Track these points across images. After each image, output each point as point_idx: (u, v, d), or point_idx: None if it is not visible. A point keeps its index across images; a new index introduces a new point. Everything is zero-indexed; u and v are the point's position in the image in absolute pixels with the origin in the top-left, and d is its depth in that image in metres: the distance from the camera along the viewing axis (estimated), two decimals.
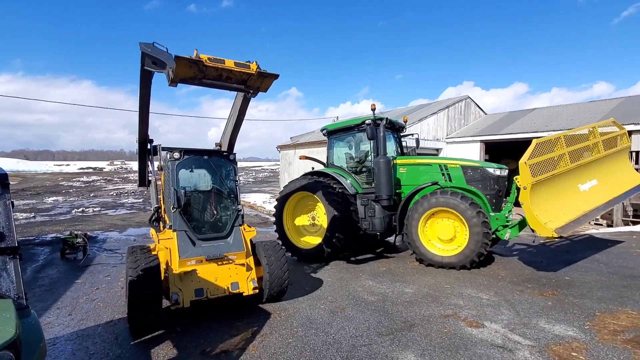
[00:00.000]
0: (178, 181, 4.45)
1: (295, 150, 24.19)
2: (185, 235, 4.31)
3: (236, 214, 4.68)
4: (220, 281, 4.23)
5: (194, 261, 4.18)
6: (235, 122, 5.18)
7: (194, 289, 4.09)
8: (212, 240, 4.45)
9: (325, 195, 7.01)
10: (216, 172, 4.77)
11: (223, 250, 4.34)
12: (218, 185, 4.81)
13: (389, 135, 8.19)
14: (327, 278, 5.92)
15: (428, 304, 4.52)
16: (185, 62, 3.42)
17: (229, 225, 4.62)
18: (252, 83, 3.90)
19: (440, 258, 6.27)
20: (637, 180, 7.17)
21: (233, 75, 3.74)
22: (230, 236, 4.55)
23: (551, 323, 3.87)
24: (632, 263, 6.36)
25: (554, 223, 5.10)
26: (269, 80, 3.92)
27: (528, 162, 5.11)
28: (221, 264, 4.30)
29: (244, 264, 4.40)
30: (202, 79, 3.68)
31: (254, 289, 4.32)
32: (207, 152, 4.74)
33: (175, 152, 4.53)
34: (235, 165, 4.91)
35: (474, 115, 22.19)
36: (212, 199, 4.80)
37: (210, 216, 4.75)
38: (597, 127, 6.58)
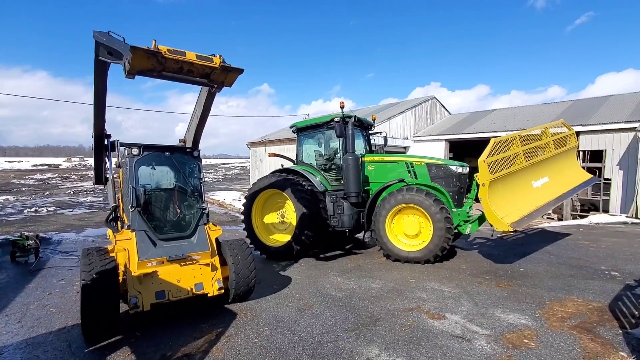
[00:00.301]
0: (137, 179, 4.26)
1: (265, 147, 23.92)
2: (145, 236, 4.13)
3: (201, 212, 4.55)
4: (184, 282, 4.10)
5: (154, 262, 4.02)
6: (199, 118, 5.01)
7: (155, 291, 3.93)
8: (175, 240, 4.30)
9: (294, 192, 6.98)
10: (179, 169, 4.61)
11: (186, 250, 4.21)
12: (181, 183, 4.64)
13: (357, 133, 8.30)
14: (296, 275, 5.91)
15: (393, 298, 4.64)
16: (142, 53, 3.25)
17: (193, 224, 4.48)
18: (215, 77, 3.78)
19: (406, 253, 6.45)
20: (583, 177, 7.76)
21: (195, 69, 3.60)
22: (195, 235, 4.42)
23: (506, 312, 4.10)
24: (579, 254, 6.89)
25: (509, 218, 5.40)
26: (234, 75, 3.82)
27: (486, 160, 5.37)
28: (184, 265, 4.16)
29: (208, 263, 4.28)
30: (162, 72, 3.51)
31: (219, 290, 4.22)
32: (169, 148, 4.56)
33: (134, 148, 4.32)
34: (200, 162, 4.76)
35: (440, 114, 23.00)
36: (176, 198, 4.63)
37: (173, 215, 4.58)
38: (548, 128, 7.04)
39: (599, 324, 3.73)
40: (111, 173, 5.07)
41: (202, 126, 5.16)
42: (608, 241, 8.14)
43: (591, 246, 7.59)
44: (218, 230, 4.61)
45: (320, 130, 7.97)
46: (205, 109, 4.90)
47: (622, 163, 12.80)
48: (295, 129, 8.35)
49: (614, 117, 13.64)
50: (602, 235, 8.90)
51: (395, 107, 22.72)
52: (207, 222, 4.56)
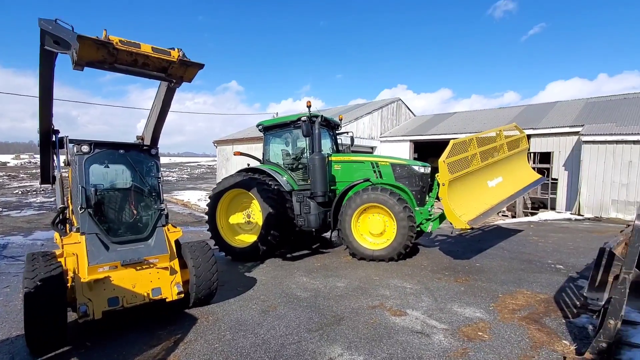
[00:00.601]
0: (87, 178, 3.99)
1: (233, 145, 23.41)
2: (96, 239, 3.88)
3: (159, 213, 4.34)
4: (139, 287, 3.89)
5: (106, 267, 3.78)
6: (159, 114, 4.78)
7: (107, 298, 3.70)
8: (130, 243, 4.08)
9: (260, 192, 6.88)
10: (135, 168, 4.37)
11: (142, 253, 4.00)
12: (138, 182, 4.40)
13: (324, 132, 8.33)
14: (262, 276, 5.83)
15: (357, 297, 4.71)
16: (90, 43, 3.04)
17: (150, 226, 4.27)
18: (173, 72, 3.62)
19: (371, 251, 6.57)
20: (533, 177, 8.33)
21: (151, 62, 3.43)
22: (152, 238, 4.21)
23: (463, 307, 4.30)
24: (529, 249, 7.39)
25: (467, 216, 5.67)
26: (193, 70, 3.68)
27: (446, 160, 5.60)
28: (140, 269, 3.95)
29: (167, 267, 4.10)
30: (114, 64, 3.31)
31: (178, 294, 4.05)
32: (124, 145, 4.31)
33: (84, 145, 4.04)
34: (158, 160, 4.54)
35: (405, 116, 23.71)
36: (132, 198, 4.39)
37: (129, 217, 4.34)
38: (502, 131, 7.47)
39: (545, 315, 4.01)
40: (59, 172, 4.72)
41: (161, 123, 4.94)
42: (554, 236, 8.80)
43: (540, 241, 8.16)
44: (178, 231, 4.43)
45: (287, 130, 7.92)
46: (165, 105, 4.69)
47: (567, 164, 13.91)
48: (261, 128, 8.22)
49: (560, 121, 14.78)
50: (549, 231, 9.61)
51: (363, 107, 23.12)
52: (165, 224, 4.37)
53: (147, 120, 5.24)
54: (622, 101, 15.48)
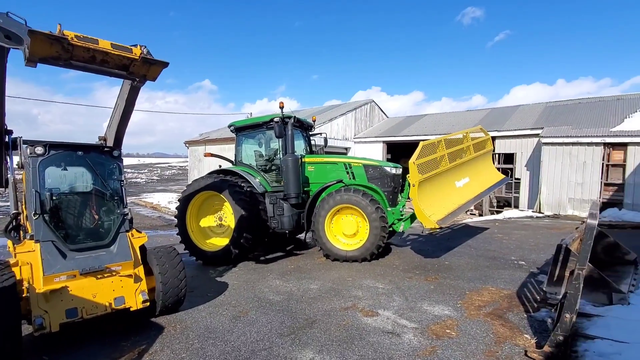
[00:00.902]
0: (42, 181, 3.74)
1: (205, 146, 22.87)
2: (53, 247, 3.64)
3: (122, 218, 4.14)
4: (101, 297, 3.69)
5: (64, 277, 3.56)
6: (122, 114, 4.56)
7: (65, 309, 3.49)
8: (91, 250, 3.86)
9: (232, 194, 6.74)
10: (96, 170, 4.14)
11: (104, 261, 3.79)
12: (99, 186, 4.18)
13: (297, 133, 8.29)
14: (233, 281, 5.70)
15: (330, 298, 4.71)
16: (43, 39, 2.85)
17: (112, 231, 4.06)
18: (136, 70, 3.47)
19: (344, 252, 6.61)
20: (498, 177, 8.72)
21: (110, 59, 3.26)
22: (114, 244, 4.01)
23: (432, 305, 4.41)
24: (494, 246, 7.72)
25: (436, 216, 5.83)
26: (157, 68, 3.54)
27: (416, 162, 5.73)
28: (101, 277, 3.75)
29: (131, 274, 3.91)
30: (69, 61, 3.13)
31: (144, 302, 3.88)
32: (83, 147, 4.08)
33: (38, 147, 3.78)
34: (120, 162, 4.33)
35: (378, 117, 24.12)
36: (92, 202, 4.16)
37: (90, 222, 4.10)
38: (469, 133, 7.76)
39: (509, 310, 4.20)
40: (12, 175, 4.39)
41: (125, 123, 4.72)
42: (518, 234, 9.26)
43: (504, 239, 8.55)
44: (143, 237, 4.24)
45: (260, 130, 7.81)
46: (128, 104, 4.48)
47: (529, 165, 14.69)
48: (233, 129, 8.07)
49: (522, 124, 15.59)
50: (513, 229, 10.10)
51: (337, 109, 23.29)
52: (129, 229, 4.17)
53: (109, 120, 4.99)
54: (577, 105, 16.57)
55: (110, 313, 3.72)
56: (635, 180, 12.13)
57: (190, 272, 6.47)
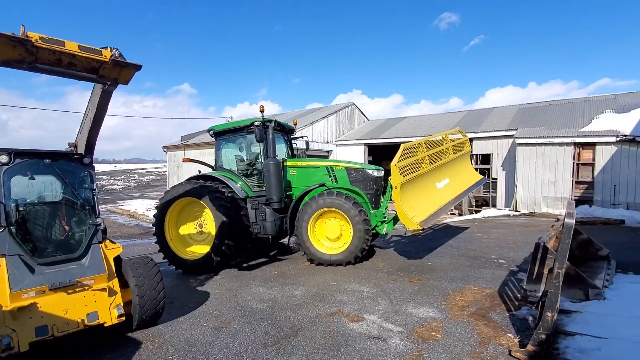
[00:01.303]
0: (6, 192, 3.50)
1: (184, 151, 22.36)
2: (20, 261, 3.41)
3: (94, 229, 3.92)
4: (72, 313, 3.47)
5: (32, 293, 3.33)
6: (93, 119, 4.34)
7: (35, 327, 3.27)
8: (61, 263, 3.64)
9: (212, 200, 6.56)
10: (65, 179, 3.91)
11: (75, 274, 3.58)
12: (69, 195, 3.95)
13: (279, 137, 8.19)
14: (215, 290, 5.53)
15: (315, 304, 4.64)
16: (5, 41, 2.66)
17: (84, 243, 3.84)
18: (106, 73, 3.30)
19: (328, 256, 6.56)
20: (476, 178, 8.91)
21: (78, 62, 3.09)
22: (86, 257, 3.79)
23: (417, 307, 4.42)
24: (474, 245, 7.87)
25: (418, 217, 5.88)
26: (129, 71, 3.39)
27: (398, 164, 5.76)
28: (73, 292, 3.53)
29: (105, 288, 3.71)
30: (34, 64, 2.94)
31: (119, 317, 3.68)
32: (51, 154, 3.85)
33: (3, 155, 3.54)
34: (92, 170, 4.12)
35: (359, 120, 24.30)
36: (62, 213, 3.93)
37: (59, 234, 3.87)
38: (448, 135, 7.90)
39: (491, 309, 4.26)
40: None
41: (96, 128, 4.50)
42: (496, 232, 9.49)
43: (483, 238, 8.74)
44: (117, 248, 4.04)
45: (240, 135, 7.67)
46: (100, 109, 4.27)
47: (505, 165, 15.14)
48: (212, 133, 7.88)
49: (498, 126, 16.07)
50: (491, 227, 10.35)
51: (318, 112, 23.30)
52: (102, 240, 3.96)
53: (80, 125, 4.74)
54: (548, 107, 17.26)
55: (84, 330, 3.51)
56: (603, 178, 12.71)
57: (170, 282, 6.26)
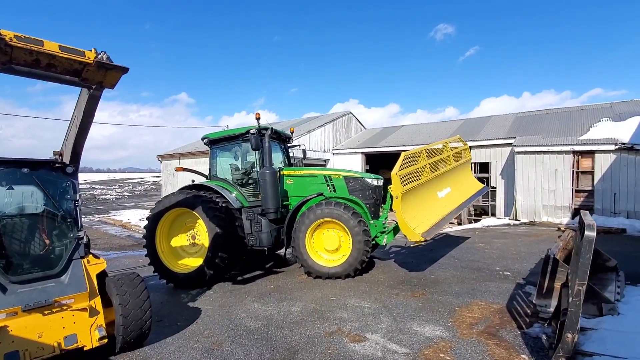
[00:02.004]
0: None
1: (179, 160, 22.10)
2: None
3: (75, 243, 3.65)
4: (48, 337, 3.18)
5: (2, 315, 3.04)
6: (79, 126, 4.11)
7: (4, 353, 2.97)
8: (36, 281, 3.35)
9: (205, 211, 6.29)
10: (45, 189, 3.65)
11: (52, 293, 3.30)
12: (49, 206, 3.68)
13: (275, 145, 7.98)
14: (207, 306, 5.23)
15: (314, 322, 4.35)
16: None
17: (64, 258, 3.56)
18: (90, 76, 3.08)
19: (327, 269, 6.28)
20: (477, 186, 8.73)
21: (58, 63, 2.87)
22: (66, 273, 3.51)
23: (422, 325, 4.15)
24: (477, 256, 7.63)
25: (420, 228, 5.64)
26: (115, 74, 3.17)
27: (398, 172, 5.55)
28: (49, 313, 3.24)
29: (85, 308, 3.42)
30: (9, 64, 2.72)
31: (101, 340, 3.39)
32: (29, 163, 3.59)
33: None
34: (75, 179, 3.85)
35: (356, 129, 24.23)
36: (41, 226, 3.65)
37: (38, 249, 3.59)
38: (448, 143, 7.73)
39: (501, 327, 4.00)
40: None
41: (82, 136, 4.25)
42: (498, 242, 9.26)
43: (486, 248, 8.51)
44: (100, 263, 3.76)
45: (235, 143, 7.44)
46: (86, 115, 4.03)
47: (503, 173, 15.02)
48: (207, 141, 7.65)
49: (496, 134, 16.01)
50: (493, 237, 10.12)
51: (315, 120, 23.22)
52: (85, 255, 3.68)
53: (66, 132, 4.50)
54: (545, 116, 17.26)
55: (60, 355, 3.21)
56: (603, 186, 12.60)
57: (160, 297, 5.95)
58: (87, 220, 19.67)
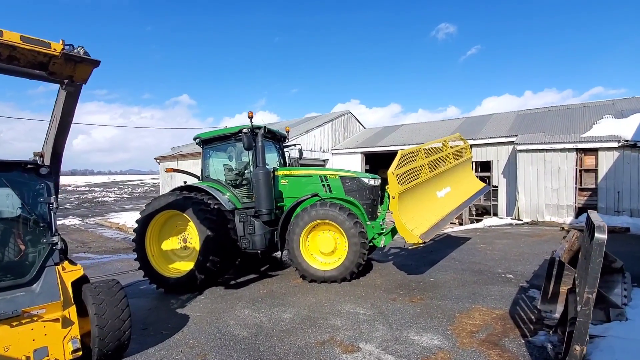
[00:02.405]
0: None
1: (177, 161, 21.93)
2: None
3: (49, 249, 3.43)
4: (16, 350, 2.96)
5: None
6: (59, 125, 3.90)
7: None
8: (4, 290, 3.13)
9: (196, 213, 6.08)
10: (16, 192, 3.43)
11: (21, 303, 3.08)
12: (21, 210, 3.47)
13: (270, 145, 7.76)
14: (196, 312, 5.01)
15: (305, 330, 4.12)
16: None
17: (36, 266, 3.34)
18: (57, 69, 2.86)
19: (322, 272, 6.05)
20: (479, 186, 8.47)
21: (21, 55, 2.66)
22: (38, 281, 3.29)
23: (420, 333, 3.91)
24: (478, 258, 7.38)
25: (419, 229, 5.40)
26: (85, 68, 2.95)
27: (395, 172, 5.31)
28: (18, 325, 3.03)
29: (58, 318, 3.20)
30: None
31: (74, 352, 3.17)
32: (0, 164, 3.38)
33: None
34: (50, 181, 3.63)
35: (355, 128, 23.98)
36: (14, 231, 3.44)
37: (11, 255, 3.38)
38: (447, 141, 7.48)
39: (504, 335, 3.76)
40: None
41: (63, 135, 4.04)
42: (500, 243, 9.01)
43: (487, 249, 8.25)
44: (77, 270, 3.53)
45: (228, 143, 7.22)
46: (66, 114, 3.82)
47: (505, 172, 14.74)
48: (199, 141, 7.43)
49: (497, 132, 15.73)
50: (494, 238, 9.86)
51: (314, 120, 22.97)
52: (59, 262, 3.46)
53: (46, 133, 4.29)
54: (547, 113, 16.98)
55: None
56: (607, 184, 12.32)
57: (149, 303, 5.74)
58: (83, 222, 19.49)
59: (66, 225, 18.63)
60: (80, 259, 10.51)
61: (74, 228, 17.71)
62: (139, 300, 5.95)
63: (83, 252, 11.84)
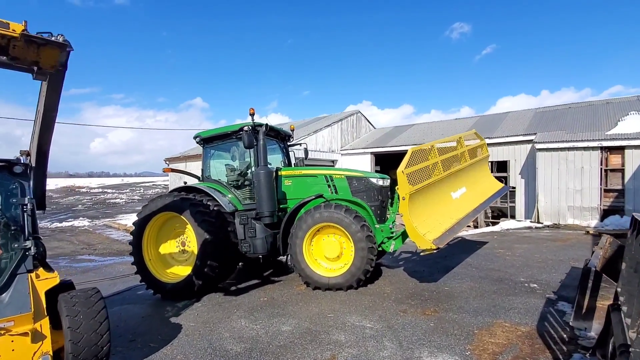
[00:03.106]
0: None
1: (186, 163, 21.88)
2: None
3: (21, 254, 3.11)
4: None
5: None
6: (42, 121, 3.62)
7: None
8: None
9: (194, 215, 5.75)
10: None
11: None
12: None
13: (274, 144, 7.41)
14: (190, 322, 4.65)
15: (304, 347, 3.70)
16: None
17: (6, 273, 3.03)
18: (19, 53, 2.54)
19: (327, 279, 5.63)
20: (497, 186, 7.90)
21: None
22: (7, 291, 2.97)
23: (433, 354, 3.43)
24: (497, 264, 6.81)
25: (432, 234, 4.94)
26: (51, 52, 2.61)
27: (405, 171, 4.86)
28: None
29: (27, 332, 2.88)
30: None
31: None
32: None
33: None
34: (25, 180, 3.33)
35: (365, 128, 23.49)
36: None
37: None
38: (462, 138, 6.97)
39: (532, 357, 3.25)
40: None
41: (47, 132, 3.77)
42: (520, 248, 8.40)
43: (507, 255, 7.67)
44: (52, 278, 3.20)
45: (230, 142, 6.88)
46: (49, 109, 3.54)
47: (523, 172, 14.03)
48: (199, 140, 7.12)
49: (514, 130, 15.02)
50: (513, 242, 9.25)
51: (323, 120, 22.59)
52: (33, 269, 3.14)
53: (32, 130, 4.03)
54: (568, 110, 16.15)
55: None
56: (635, 185, 11.51)
57: (143, 310, 5.43)
58: (92, 224, 19.56)
59: (75, 226, 18.72)
60: (84, 262, 10.35)
61: (83, 229, 17.74)
62: (134, 307, 5.65)
63: (87, 254, 11.71)
